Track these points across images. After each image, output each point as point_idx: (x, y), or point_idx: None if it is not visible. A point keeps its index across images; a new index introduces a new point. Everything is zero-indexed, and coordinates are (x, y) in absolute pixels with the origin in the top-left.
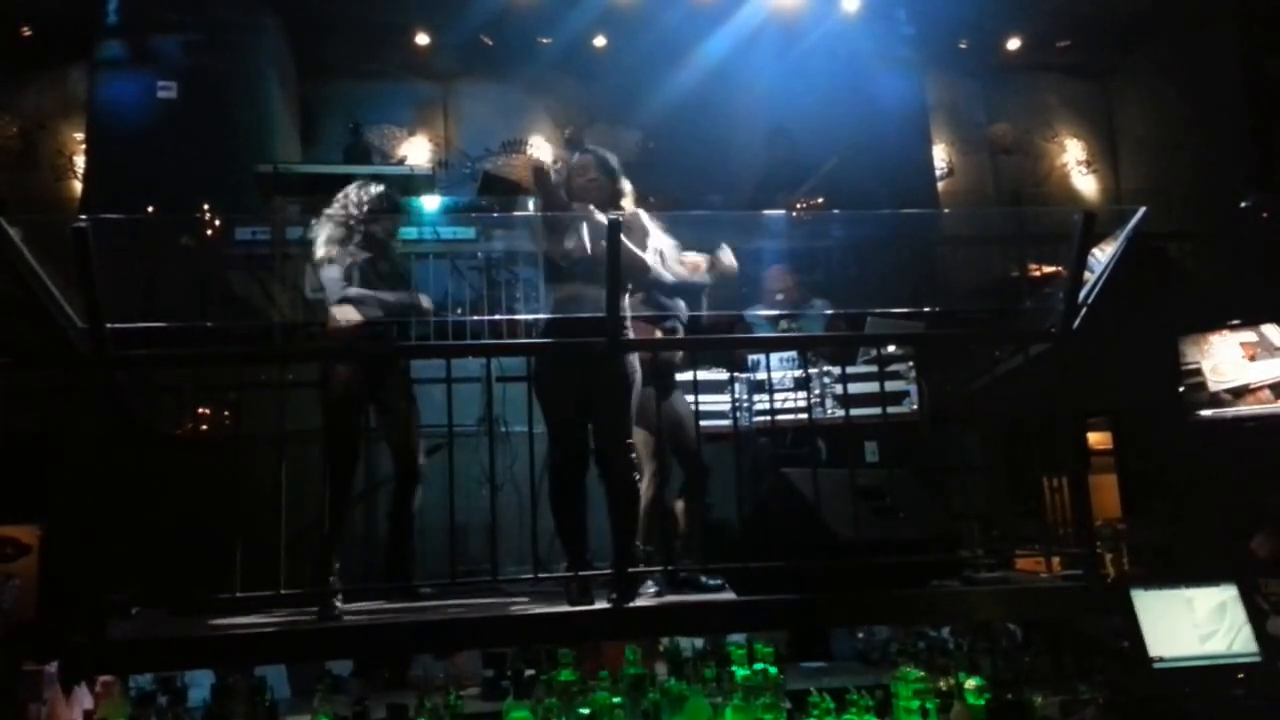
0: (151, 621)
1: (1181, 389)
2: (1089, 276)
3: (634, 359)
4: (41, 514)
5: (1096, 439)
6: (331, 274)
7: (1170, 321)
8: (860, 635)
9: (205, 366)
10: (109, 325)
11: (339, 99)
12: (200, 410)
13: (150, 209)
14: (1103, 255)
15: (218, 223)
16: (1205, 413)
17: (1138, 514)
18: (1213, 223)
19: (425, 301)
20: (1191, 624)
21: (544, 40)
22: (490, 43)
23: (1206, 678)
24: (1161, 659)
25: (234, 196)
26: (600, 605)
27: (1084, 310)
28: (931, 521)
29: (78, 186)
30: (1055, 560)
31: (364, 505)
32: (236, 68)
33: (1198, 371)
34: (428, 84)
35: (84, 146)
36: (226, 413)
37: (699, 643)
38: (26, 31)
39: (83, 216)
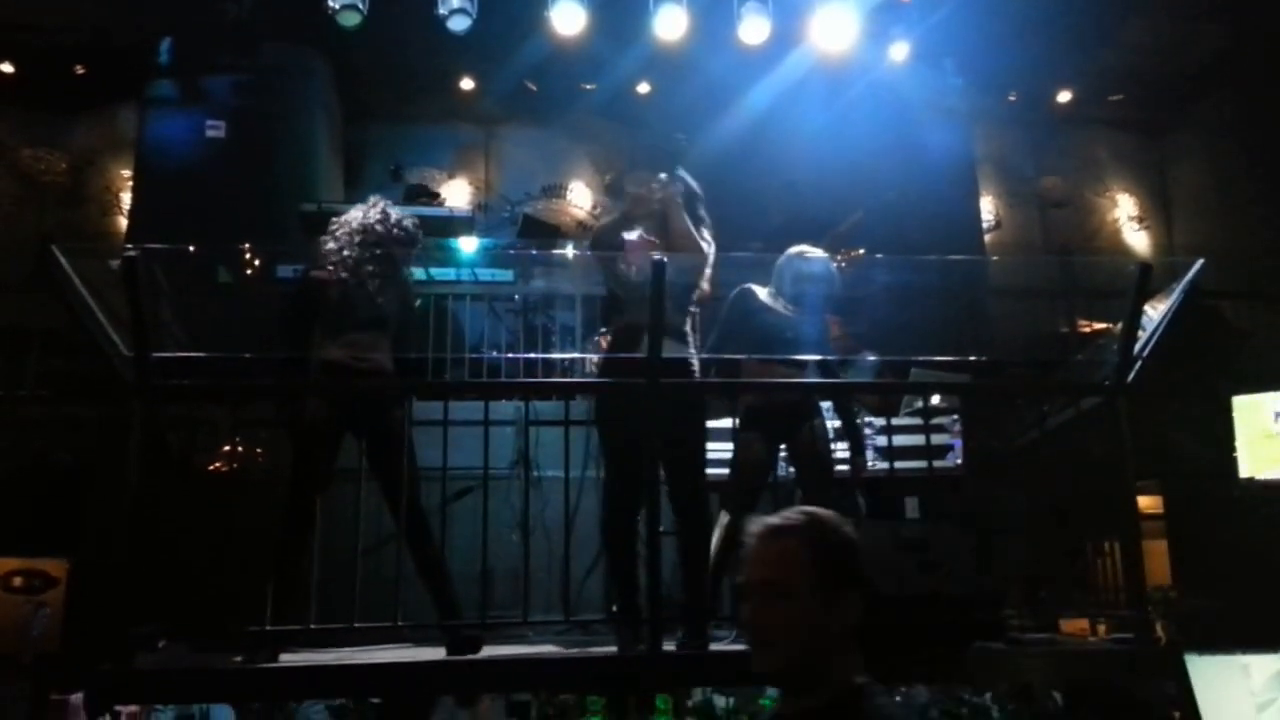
0: (176, 655)
1: (1235, 452)
2: (1142, 334)
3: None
4: (71, 547)
5: (1146, 503)
6: None
7: (1224, 382)
8: (898, 698)
9: (246, 400)
10: (153, 355)
11: (382, 141)
12: (234, 445)
13: (193, 245)
14: (1154, 313)
15: (258, 260)
16: (1260, 476)
17: (1189, 581)
18: (1269, 282)
19: None
20: (1248, 691)
21: (587, 86)
22: (535, 88)
23: None
24: None
25: (277, 234)
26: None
27: (1138, 364)
28: (975, 580)
29: (123, 222)
30: (1101, 626)
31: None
32: (284, 109)
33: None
34: (470, 127)
35: (131, 183)
36: (259, 450)
37: (731, 699)
38: (79, 70)
39: (129, 246)
